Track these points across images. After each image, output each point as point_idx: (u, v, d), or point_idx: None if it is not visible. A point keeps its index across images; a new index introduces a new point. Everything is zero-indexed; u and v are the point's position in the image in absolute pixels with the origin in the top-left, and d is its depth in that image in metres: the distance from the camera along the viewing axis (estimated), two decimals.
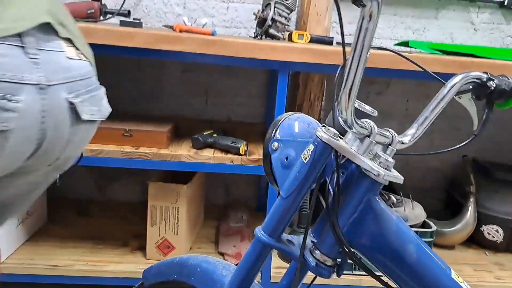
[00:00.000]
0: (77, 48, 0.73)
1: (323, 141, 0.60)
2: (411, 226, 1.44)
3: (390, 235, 0.62)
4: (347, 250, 0.62)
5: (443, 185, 1.91)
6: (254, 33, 1.33)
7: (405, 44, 1.56)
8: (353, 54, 0.53)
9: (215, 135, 1.35)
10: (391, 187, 1.66)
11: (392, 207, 1.48)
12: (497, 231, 1.65)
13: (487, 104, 0.76)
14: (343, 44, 0.59)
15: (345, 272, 1.39)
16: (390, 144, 0.64)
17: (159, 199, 1.38)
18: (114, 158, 1.27)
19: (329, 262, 0.64)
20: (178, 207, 1.39)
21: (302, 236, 0.65)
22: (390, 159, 0.61)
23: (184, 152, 1.29)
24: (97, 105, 0.76)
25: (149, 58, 1.21)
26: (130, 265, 1.39)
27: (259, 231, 0.65)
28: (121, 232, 1.59)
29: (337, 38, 1.73)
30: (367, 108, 0.65)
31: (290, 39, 1.38)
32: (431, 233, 1.44)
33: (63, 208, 1.73)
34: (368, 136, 0.60)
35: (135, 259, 1.43)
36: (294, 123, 0.70)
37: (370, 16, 0.51)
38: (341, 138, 0.62)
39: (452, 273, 0.65)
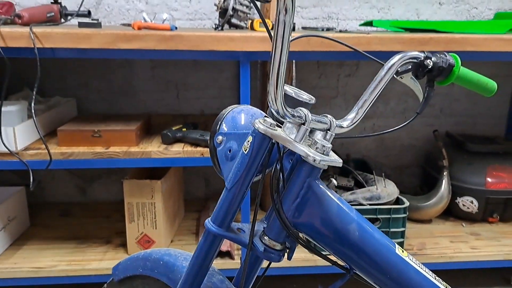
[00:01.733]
0: None
1: (260, 132, 0.62)
2: (384, 204, 1.48)
3: (332, 216, 0.65)
4: (292, 233, 0.65)
5: (419, 162, 1.94)
6: (215, 24, 1.34)
7: (369, 24, 1.57)
8: (275, 47, 0.55)
9: (184, 129, 1.37)
10: (366, 167, 1.68)
11: (336, 190, 1.49)
12: (472, 202, 1.69)
13: (428, 82, 0.78)
14: (270, 35, 0.61)
15: (302, 253, 1.43)
16: (329, 130, 0.66)
17: (135, 196, 1.41)
18: (86, 160, 1.28)
19: (278, 246, 0.67)
20: (154, 203, 1.41)
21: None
22: (327, 144, 0.63)
23: (154, 149, 1.31)
24: None
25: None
26: (112, 261, 1.42)
27: (208, 222, 0.68)
28: (103, 231, 1.61)
29: (302, 23, 1.73)
30: (304, 97, 0.67)
31: (252, 27, 1.39)
32: (404, 209, 1.47)
33: (45, 212, 1.75)
34: (303, 124, 0.62)
35: (118, 255, 1.46)
36: (238, 115, 0.71)
37: (286, 10, 0.52)
38: (280, 128, 0.64)
39: (397, 249, 0.68)
